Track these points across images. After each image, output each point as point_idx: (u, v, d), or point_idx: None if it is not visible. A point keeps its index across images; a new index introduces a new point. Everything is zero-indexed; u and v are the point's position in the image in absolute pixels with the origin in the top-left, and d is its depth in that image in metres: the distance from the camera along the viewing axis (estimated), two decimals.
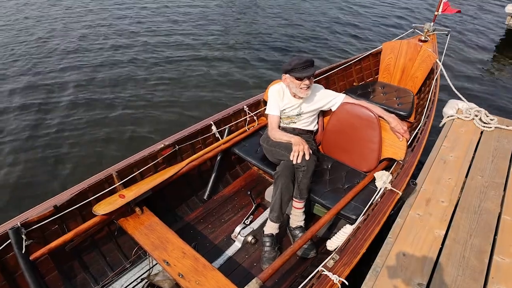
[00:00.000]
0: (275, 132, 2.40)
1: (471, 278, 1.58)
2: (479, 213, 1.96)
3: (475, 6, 8.25)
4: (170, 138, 2.47)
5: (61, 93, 4.66)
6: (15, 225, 1.77)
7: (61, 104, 4.43)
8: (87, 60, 5.56)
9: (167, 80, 5.02)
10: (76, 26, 6.99)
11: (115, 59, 5.60)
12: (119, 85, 4.89)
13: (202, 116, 3.58)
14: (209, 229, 2.45)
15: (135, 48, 6.01)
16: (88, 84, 4.89)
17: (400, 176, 2.14)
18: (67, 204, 1.95)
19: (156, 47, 6.06)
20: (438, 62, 3.37)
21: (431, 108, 2.81)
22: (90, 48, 6.02)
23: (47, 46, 6.09)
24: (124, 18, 7.44)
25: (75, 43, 6.18)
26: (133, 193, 2.09)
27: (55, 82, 4.91)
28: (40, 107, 4.35)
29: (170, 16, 7.57)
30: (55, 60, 5.55)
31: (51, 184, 3.26)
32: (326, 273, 1.56)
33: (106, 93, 4.67)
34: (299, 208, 2.27)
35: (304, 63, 2.20)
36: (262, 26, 7.02)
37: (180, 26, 7.05)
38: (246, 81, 5.02)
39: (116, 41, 6.26)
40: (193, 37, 6.50)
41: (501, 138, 2.64)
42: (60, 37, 6.45)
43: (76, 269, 2.03)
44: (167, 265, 1.80)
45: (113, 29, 6.83)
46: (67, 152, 3.65)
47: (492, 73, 5.38)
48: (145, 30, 6.80)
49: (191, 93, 4.70)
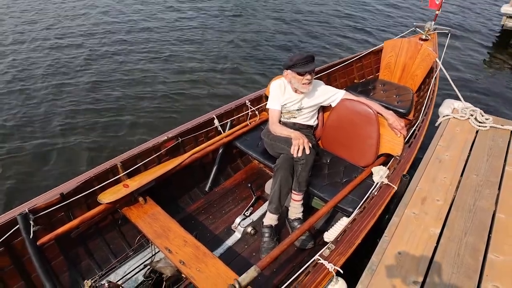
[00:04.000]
0: (275, 126, 2.36)
1: (465, 276, 1.54)
2: (474, 211, 1.91)
3: (471, 6, 8.08)
4: (174, 130, 2.42)
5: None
6: (23, 211, 1.75)
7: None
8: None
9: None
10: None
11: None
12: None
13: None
14: (210, 220, 2.42)
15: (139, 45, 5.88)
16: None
17: (397, 171, 2.11)
18: (73, 192, 1.93)
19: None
20: (437, 61, 3.29)
21: (429, 106, 2.76)
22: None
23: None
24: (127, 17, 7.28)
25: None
26: (137, 183, 2.06)
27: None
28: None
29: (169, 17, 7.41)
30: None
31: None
32: (322, 261, 1.54)
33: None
34: (297, 200, 2.24)
35: (305, 58, 2.18)
36: (260, 25, 6.86)
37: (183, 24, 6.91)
38: (249, 78, 4.92)
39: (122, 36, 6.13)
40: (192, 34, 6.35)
41: (496, 137, 2.58)
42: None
43: (81, 255, 2.02)
44: (169, 252, 1.79)
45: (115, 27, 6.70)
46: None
47: (488, 72, 5.29)
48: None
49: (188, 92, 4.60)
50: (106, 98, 4.32)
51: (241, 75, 4.97)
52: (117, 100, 4.30)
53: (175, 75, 4.89)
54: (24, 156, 3.38)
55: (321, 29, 6.61)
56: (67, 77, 4.76)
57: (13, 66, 5.02)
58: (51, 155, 3.41)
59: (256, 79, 4.86)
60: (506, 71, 5.34)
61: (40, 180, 3.12)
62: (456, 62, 5.44)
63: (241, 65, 5.23)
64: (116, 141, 3.62)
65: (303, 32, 6.47)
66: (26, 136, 3.63)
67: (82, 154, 3.43)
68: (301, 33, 6.42)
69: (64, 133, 3.71)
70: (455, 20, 7.07)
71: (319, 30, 6.55)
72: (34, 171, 3.21)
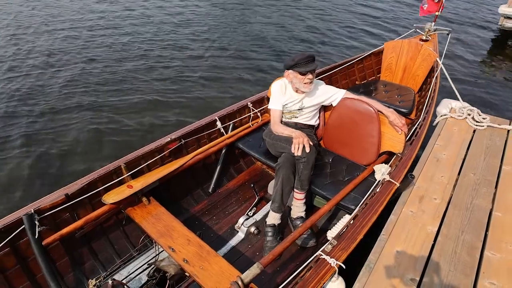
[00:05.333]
0: (277, 126, 2.38)
1: (462, 273, 1.56)
2: (471, 209, 1.93)
3: (470, 6, 8.08)
4: (177, 132, 2.44)
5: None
6: (28, 211, 1.77)
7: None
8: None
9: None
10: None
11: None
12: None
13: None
14: (214, 221, 2.44)
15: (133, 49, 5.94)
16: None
17: (398, 168, 2.12)
18: (78, 193, 1.95)
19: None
20: (438, 60, 3.31)
21: (431, 104, 2.78)
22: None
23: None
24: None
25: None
26: (141, 184, 2.09)
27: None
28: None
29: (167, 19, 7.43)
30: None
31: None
32: (324, 257, 1.55)
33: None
34: (300, 199, 2.26)
35: (307, 58, 2.21)
36: (259, 28, 6.88)
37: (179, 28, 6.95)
38: (249, 80, 4.95)
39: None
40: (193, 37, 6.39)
41: (493, 136, 2.60)
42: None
43: (86, 255, 2.04)
44: (172, 251, 1.80)
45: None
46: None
47: (486, 72, 5.30)
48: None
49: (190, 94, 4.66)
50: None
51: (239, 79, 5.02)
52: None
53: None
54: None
55: (321, 32, 6.64)
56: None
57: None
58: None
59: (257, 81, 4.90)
60: (503, 71, 5.36)
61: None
62: (455, 62, 5.46)
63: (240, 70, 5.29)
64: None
65: (302, 35, 6.50)
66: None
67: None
68: (300, 36, 6.45)
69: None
70: (455, 20, 7.07)
71: (318, 34, 6.58)
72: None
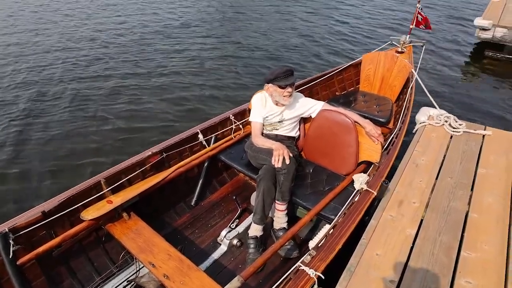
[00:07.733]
0: (258, 138, 2.42)
1: (440, 273, 1.59)
2: (448, 212, 1.98)
3: (447, 19, 8.43)
4: (158, 146, 2.45)
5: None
6: (2, 230, 1.73)
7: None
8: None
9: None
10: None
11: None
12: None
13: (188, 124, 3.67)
14: (196, 234, 2.42)
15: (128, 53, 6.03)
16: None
17: (376, 177, 2.17)
18: (55, 210, 1.91)
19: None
20: (413, 71, 3.44)
21: (406, 114, 2.87)
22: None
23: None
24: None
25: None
26: (121, 199, 2.07)
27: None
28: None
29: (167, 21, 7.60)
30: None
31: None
32: (303, 268, 1.56)
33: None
34: (281, 210, 2.27)
35: (285, 72, 2.28)
36: (244, 38, 7.07)
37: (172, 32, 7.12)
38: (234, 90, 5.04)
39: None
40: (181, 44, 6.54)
41: (469, 141, 2.68)
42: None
43: (63, 274, 1.98)
44: (152, 267, 1.78)
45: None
46: None
47: (463, 81, 5.49)
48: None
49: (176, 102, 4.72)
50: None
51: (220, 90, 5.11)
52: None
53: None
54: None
55: (300, 44, 6.82)
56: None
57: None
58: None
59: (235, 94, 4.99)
60: (479, 80, 5.56)
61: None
62: (432, 72, 5.65)
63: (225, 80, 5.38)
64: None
65: (282, 46, 6.68)
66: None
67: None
68: (280, 48, 6.62)
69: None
70: (432, 33, 7.35)
71: (297, 46, 6.77)
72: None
